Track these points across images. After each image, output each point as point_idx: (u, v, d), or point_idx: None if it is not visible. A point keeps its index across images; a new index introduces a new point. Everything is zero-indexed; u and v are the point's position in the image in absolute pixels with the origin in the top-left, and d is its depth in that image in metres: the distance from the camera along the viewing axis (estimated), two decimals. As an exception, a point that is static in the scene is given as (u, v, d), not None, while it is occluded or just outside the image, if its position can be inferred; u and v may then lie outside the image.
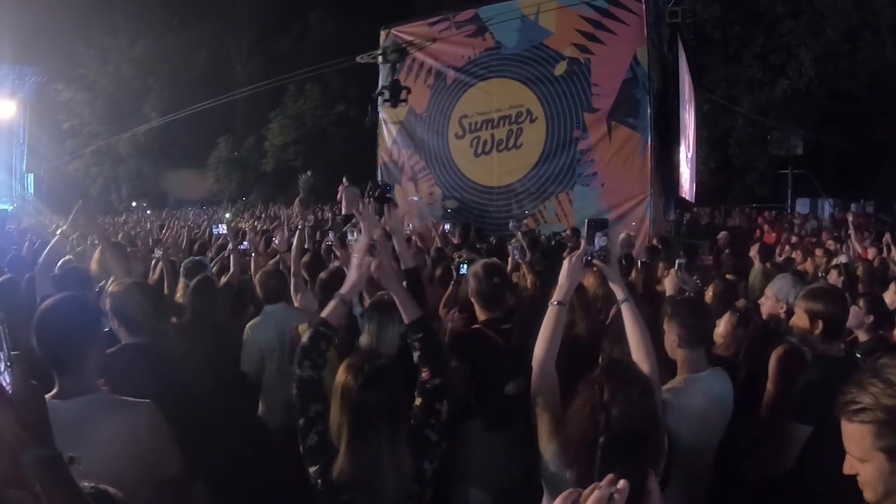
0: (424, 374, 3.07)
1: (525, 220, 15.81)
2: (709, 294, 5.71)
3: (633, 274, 7.54)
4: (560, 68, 17.38)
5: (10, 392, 1.54)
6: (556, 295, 3.16)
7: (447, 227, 12.21)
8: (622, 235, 12.37)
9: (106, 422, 2.79)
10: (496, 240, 12.55)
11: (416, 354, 3.15)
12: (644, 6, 16.24)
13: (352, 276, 3.33)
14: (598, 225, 3.24)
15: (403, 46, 17.52)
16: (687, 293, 5.39)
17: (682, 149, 18.53)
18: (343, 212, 19.34)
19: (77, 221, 5.87)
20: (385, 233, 4.69)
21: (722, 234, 13.99)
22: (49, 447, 1.56)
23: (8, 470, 1.56)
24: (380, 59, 18.28)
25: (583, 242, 3.23)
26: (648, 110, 16.17)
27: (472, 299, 4.75)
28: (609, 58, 16.65)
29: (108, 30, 41.39)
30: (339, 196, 20.39)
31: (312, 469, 2.81)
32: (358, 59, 20.96)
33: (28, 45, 36.29)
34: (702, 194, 22.74)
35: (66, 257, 6.31)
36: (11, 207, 36.06)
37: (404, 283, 4.18)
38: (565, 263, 3.22)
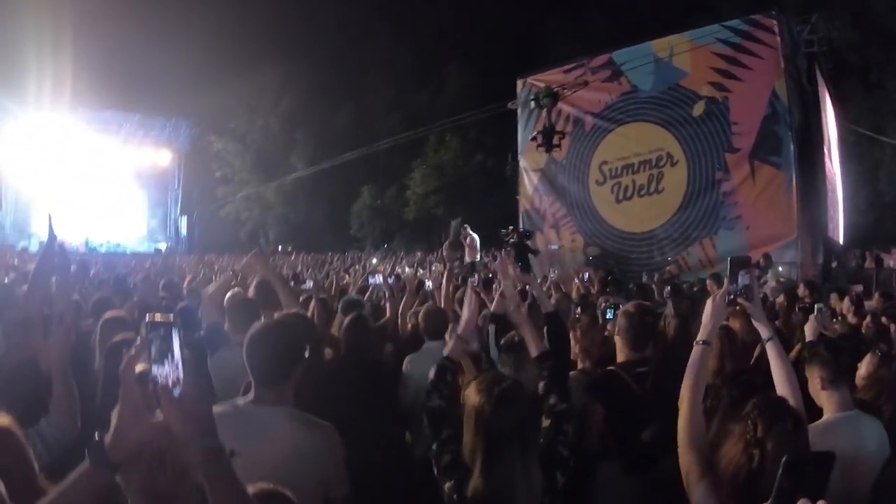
0: (552, 401, 3.21)
1: (668, 268, 15.50)
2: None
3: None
4: (698, 109, 17.21)
5: (181, 388, 1.74)
6: (701, 334, 3.13)
7: (587, 275, 12.17)
8: (772, 284, 11.96)
9: (292, 434, 3.01)
10: (636, 286, 12.35)
11: (542, 384, 3.29)
12: (779, 38, 15.91)
13: (464, 315, 3.76)
14: (741, 263, 3.21)
15: (556, 91, 17.48)
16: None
17: (829, 186, 17.84)
18: (467, 259, 19.51)
19: (252, 264, 6.15)
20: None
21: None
22: (214, 439, 1.77)
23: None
24: (532, 104, 18.35)
25: (725, 281, 3.21)
26: (791, 147, 15.74)
27: (618, 337, 4.72)
28: (747, 94, 16.35)
29: (255, 87, 43.47)
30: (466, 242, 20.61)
31: (447, 486, 2.90)
32: (510, 105, 21.54)
33: (183, 100, 38.98)
34: (851, 234, 21.52)
35: (236, 290, 6.66)
36: (166, 246, 38.24)
37: (545, 328, 4.34)
38: (708, 303, 3.20)
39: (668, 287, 9.74)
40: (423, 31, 41.73)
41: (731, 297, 3.16)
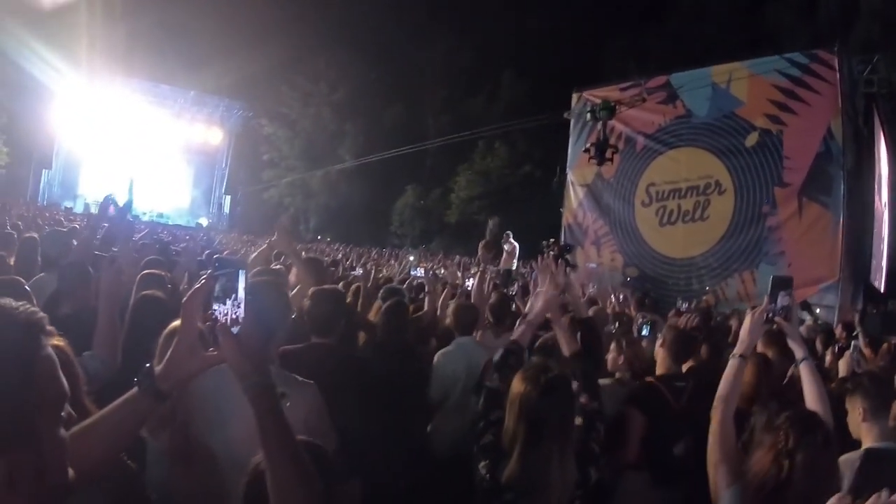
0: (583, 400, 3.24)
1: (705, 297, 15.33)
2: None
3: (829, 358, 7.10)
4: (751, 139, 17.05)
5: (240, 327, 1.87)
6: (738, 349, 3.22)
7: (622, 296, 12.18)
8: (808, 322, 11.83)
9: None
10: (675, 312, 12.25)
11: (575, 383, 3.23)
12: (839, 75, 15.68)
13: (538, 306, 3.88)
14: (783, 284, 3.28)
15: (613, 105, 17.45)
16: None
17: (876, 231, 17.63)
18: (503, 265, 19.39)
19: (276, 240, 6.21)
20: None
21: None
22: (266, 377, 1.86)
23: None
24: (588, 116, 18.36)
25: (766, 299, 3.28)
26: (842, 188, 15.47)
27: (662, 349, 4.85)
28: (802, 130, 16.15)
29: (311, 76, 44.07)
30: (506, 248, 20.47)
31: (482, 464, 2.95)
32: (565, 115, 21.56)
33: (239, 82, 39.70)
34: (892, 285, 21.06)
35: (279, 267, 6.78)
36: (207, 222, 38.83)
37: (579, 334, 4.43)
38: (747, 319, 3.29)
39: (698, 313, 9.69)
40: (481, 35, 41.90)
41: (770, 315, 3.25)
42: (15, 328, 1.36)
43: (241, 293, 1.91)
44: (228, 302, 1.89)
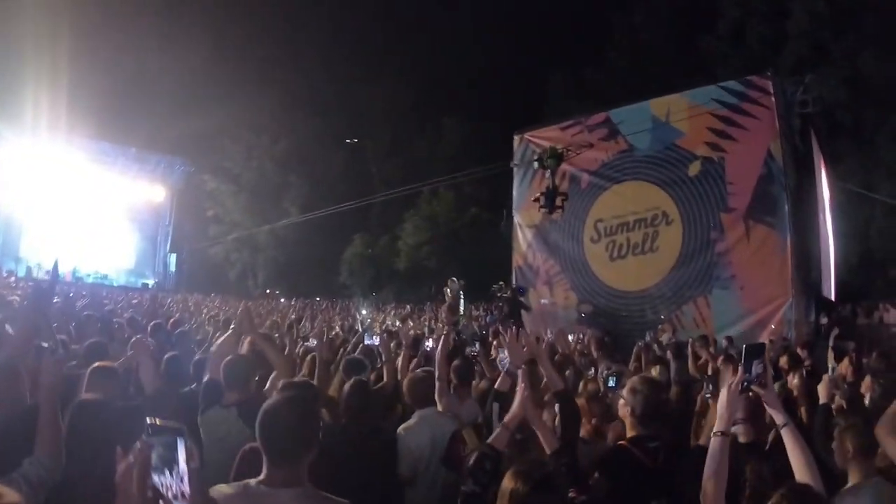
0: (572, 493, 3.22)
1: (661, 327, 15.42)
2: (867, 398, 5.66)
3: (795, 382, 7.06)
4: (694, 168, 17.46)
5: (188, 498, 1.75)
6: (718, 425, 3.16)
7: (581, 335, 12.23)
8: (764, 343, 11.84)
9: None
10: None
11: (561, 479, 3.24)
12: (774, 98, 16.19)
13: (514, 409, 3.74)
14: (755, 352, 3.25)
15: (561, 151, 17.57)
16: (838, 399, 5.52)
17: (822, 245, 18.13)
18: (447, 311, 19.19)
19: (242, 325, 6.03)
20: (531, 359, 4.72)
21: None
22: None
23: None
24: (536, 164, 18.46)
25: (740, 370, 3.23)
26: (786, 207, 15.90)
27: (629, 415, 4.68)
28: (743, 154, 16.60)
29: (253, 128, 43.90)
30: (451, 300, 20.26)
31: None
32: (512, 164, 21.61)
33: (180, 138, 39.77)
34: (842, 292, 21.38)
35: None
36: (153, 282, 38.26)
37: (557, 406, 4.31)
38: (723, 393, 3.23)
39: (670, 350, 9.66)
40: (421, 78, 42.42)
41: (746, 385, 3.21)
42: None
43: (183, 465, 1.78)
44: (169, 473, 1.75)
